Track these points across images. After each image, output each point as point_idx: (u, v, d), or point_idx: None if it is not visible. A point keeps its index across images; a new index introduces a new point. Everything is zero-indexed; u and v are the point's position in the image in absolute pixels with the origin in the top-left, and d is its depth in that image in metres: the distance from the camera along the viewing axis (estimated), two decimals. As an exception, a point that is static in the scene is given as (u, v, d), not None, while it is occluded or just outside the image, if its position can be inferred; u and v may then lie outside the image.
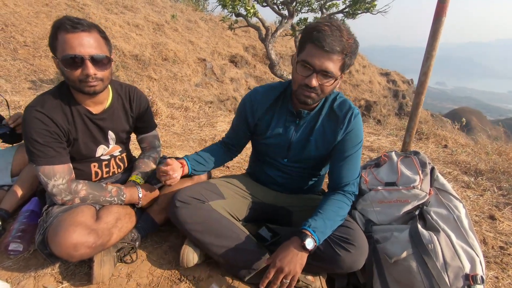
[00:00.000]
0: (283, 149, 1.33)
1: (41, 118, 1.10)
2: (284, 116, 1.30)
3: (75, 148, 1.24)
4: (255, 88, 1.38)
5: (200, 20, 12.24)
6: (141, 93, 1.43)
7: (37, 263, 1.22)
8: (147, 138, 1.51)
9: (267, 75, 12.29)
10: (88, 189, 1.20)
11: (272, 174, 1.42)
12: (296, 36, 6.18)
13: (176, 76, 8.61)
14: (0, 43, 6.55)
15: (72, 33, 1.04)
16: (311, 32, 1.05)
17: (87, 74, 1.07)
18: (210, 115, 3.43)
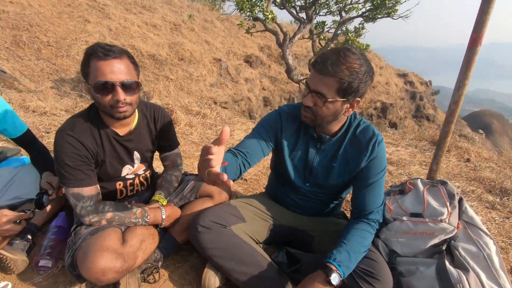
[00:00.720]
0: (305, 173, 1.33)
1: (72, 142, 1.14)
2: (307, 140, 1.30)
3: (103, 169, 1.27)
4: (282, 108, 1.35)
5: (217, 20, 12.28)
6: (165, 112, 1.45)
7: (65, 280, 1.26)
8: (170, 156, 1.53)
9: (282, 75, 12.24)
10: (114, 211, 1.23)
11: (292, 197, 1.41)
12: (314, 40, 6.11)
13: (192, 76, 8.67)
14: (25, 43, 6.77)
15: (104, 60, 1.07)
16: (316, 58, 1.10)
17: (117, 100, 1.10)
18: (227, 122, 3.45)
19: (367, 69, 1.06)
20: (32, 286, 1.23)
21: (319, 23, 6.03)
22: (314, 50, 6.01)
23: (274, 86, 11.99)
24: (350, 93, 1.07)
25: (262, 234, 1.41)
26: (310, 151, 1.29)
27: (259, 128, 1.32)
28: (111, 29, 8.30)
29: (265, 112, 11.33)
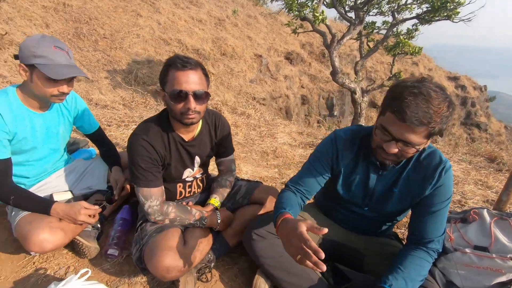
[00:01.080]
0: (364, 198, 1.30)
1: (145, 146, 1.24)
2: (367, 165, 1.25)
3: (168, 171, 1.37)
4: (337, 133, 1.30)
5: (260, 15, 12.28)
6: (225, 120, 1.53)
7: (129, 269, 1.39)
8: (225, 162, 1.59)
9: (322, 74, 11.97)
10: (176, 212, 1.32)
11: (346, 216, 1.40)
12: (362, 41, 5.89)
13: (233, 71, 8.80)
14: (85, 35, 7.30)
15: (182, 71, 1.17)
16: (393, 99, 0.99)
17: (188, 108, 1.18)
18: (270, 123, 3.48)
19: (451, 105, 1.00)
20: (101, 271, 1.37)
21: (368, 24, 5.79)
22: (361, 52, 5.79)
23: (313, 85, 11.78)
24: (438, 133, 1.02)
25: (311, 247, 1.43)
26: (371, 177, 1.25)
27: (314, 160, 1.31)
28: (160, 23, 8.68)
29: (302, 110, 11.21)
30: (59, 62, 1.26)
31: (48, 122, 1.44)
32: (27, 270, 1.33)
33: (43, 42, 1.24)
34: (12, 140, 1.31)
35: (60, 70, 1.26)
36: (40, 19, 6.80)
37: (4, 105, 1.27)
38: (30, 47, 1.22)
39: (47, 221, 1.27)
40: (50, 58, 1.24)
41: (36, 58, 1.22)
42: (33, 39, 1.25)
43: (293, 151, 2.85)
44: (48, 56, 1.24)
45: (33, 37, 1.26)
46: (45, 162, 1.50)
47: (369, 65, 13.90)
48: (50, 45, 1.25)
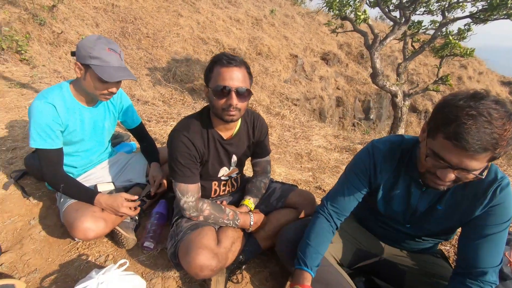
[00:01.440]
0: (405, 215, 1.19)
1: (186, 143, 1.26)
2: (409, 180, 1.14)
3: (205, 168, 1.38)
4: (375, 145, 1.18)
5: (297, 15, 12.14)
6: (263, 121, 1.51)
7: (163, 263, 1.42)
8: (261, 163, 1.58)
9: (359, 76, 11.55)
10: (211, 209, 1.33)
11: (386, 230, 1.31)
12: (406, 42, 5.57)
13: (268, 71, 8.79)
14: (130, 34, 7.70)
15: (226, 67, 1.18)
16: (446, 122, 0.84)
17: (230, 104, 1.18)
18: (305, 125, 3.41)
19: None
20: (137, 263, 1.42)
21: (414, 23, 5.45)
22: (404, 53, 5.48)
23: (350, 86, 11.41)
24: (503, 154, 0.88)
25: (346, 257, 1.36)
26: (414, 192, 1.14)
27: (350, 174, 1.22)
28: (199, 23, 8.91)
29: (336, 112, 10.90)
30: (112, 64, 1.33)
31: (95, 116, 1.52)
32: (71, 255, 1.42)
33: (98, 43, 1.31)
34: (63, 132, 1.40)
35: (112, 73, 1.32)
36: (91, 19, 7.30)
37: (59, 99, 1.36)
38: (86, 47, 1.30)
39: (91, 210, 1.34)
40: (104, 60, 1.31)
41: (92, 59, 1.29)
42: (90, 40, 1.32)
43: (328, 155, 2.76)
44: (102, 57, 1.30)
45: (90, 38, 1.33)
46: (91, 154, 1.59)
47: (411, 67, 13.16)
48: (105, 47, 1.32)
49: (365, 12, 3.96)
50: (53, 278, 1.30)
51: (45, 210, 1.64)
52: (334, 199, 1.24)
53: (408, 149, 1.13)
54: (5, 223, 1.54)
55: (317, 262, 1.17)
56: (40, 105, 1.31)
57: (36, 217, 1.60)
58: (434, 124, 0.90)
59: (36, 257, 1.38)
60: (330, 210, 1.23)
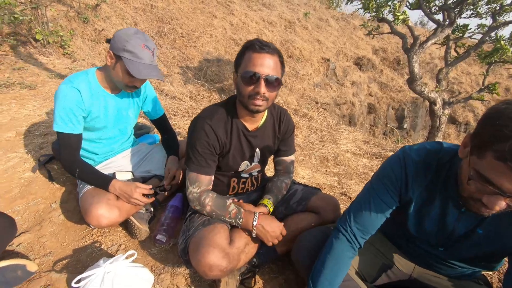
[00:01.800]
0: (438, 237, 1.03)
1: (207, 131, 1.20)
2: (446, 198, 0.96)
3: (225, 159, 1.30)
4: (407, 153, 0.99)
5: (332, 18, 11.90)
6: (290, 117, 1.43)
7: (173, 258, 1.37)
8: (284, 162, 1.48)
9: (394, 82, 11.03)
10: (212, 206, 1.24)
11: (416, 251, 1.15)
12: (449, 46, 5.19)
13: (298, 74, 8.66)
14: (166, 33, 7.96)
15: (258, 53, 1.11)
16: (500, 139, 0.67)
17: (257, 92, 1.11)
18: (333, 128, 3.26)
19: None
20: (148, 255, 1.38)
21: (458, 27, 5.06)
22: (446, 58, 5.10)
23: (383, 93, 10.93)
24: None
25: (371, 273, 1.22)
26: (450, 212, 0.97)
27: (378, 186, 1.04)
28: (232, 24, 9.01)
29: (367, 120, 10.47)
30: (143, 61, 1.32)
31: (119, 104, 1.51)
32: (85, 241, 1.41)
33: (135, 38, 1.30)
34: (86, 117, 1.41)
35: (141, 70, 1.31)
36: (131, 19, 7.63)
37: (84, 84, 1.37)
38: (122, 39, 1.29)
39: (106, 197, 1.32)
40: (136, 55, 1.30)
41: (125, 52, 1.29)
42: (127, 33, 1.32)
43: (357, 160, 2.59)
44: (135, 52, 1.29)
45: (128, 30, 1.33)
46: (113, 142, 1.59)
47: (453, 75, 12.36)
48: (140, 43, 1.31)
49: (404, 12, 3.73)
50: (65, 262, 1.29)
51: (66, 195, 1.67)
52: (358, 215, 1.06)
53: (447, 161, 0.94)
54: (29, 204, 1.58)
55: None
56: (65, 89, 1.32)
57: (57, 201, 1.63)
58: (481, 139, 0.73)
59: (53, 240, 1.39)
60: (353, 228, 1.06)
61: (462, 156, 0.83)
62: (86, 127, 1.45)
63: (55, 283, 1.17)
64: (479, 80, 11.96)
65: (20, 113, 2.47)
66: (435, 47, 13.01)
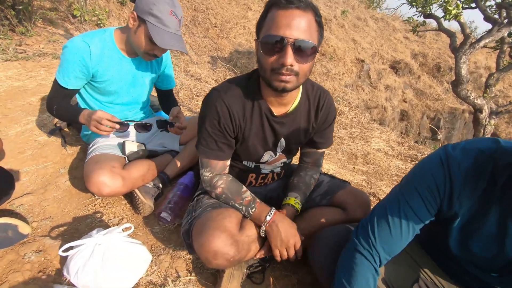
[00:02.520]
0: (494, 261, 0.79)
1: (220, 107, 0.98)
2: (504, 211, 0.73)
3: (243, 146, 1.10)
4: (450, 153, 0.75)
5: (370, 18, 11.40)
6: (332, 101, 1.13)
7: (176, 239, 1.24)
8: (315, 155, 1.24)
9: (432, 90, 10.37)
10: (225, 188, 1.07)
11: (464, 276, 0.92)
12: (503, 51, 4.69)
13: (329, 73, 8.36)
14: (200, 22, 7.97)
15: (284, 10, 0.81)
16: None
17: (282, 64, 0.83)
18: (364, 126, 3.00)
19: None
20: (150, 233, 1.26)
21: (517, 30, 4.55)
22: (499, 64, 4.62)
23: (419, 101, 10.30)
24: None
25: (403, 285, 1.01)
26: (507, 231, 0.73)
27: (410, 193, 0.81)
28: (266, 17, 8.87)
29: (399, 127, 9.92)
30: (169, 30, 1.22)
31: (135, 69, 1.41)
32: (87, 210, 1.32)
33: (163, 2, 1.19)
34: (95, 77, 1.32)
35: (165, 38, 1.21)
36: (166, 5, 7.71)
37: (97, 41, 1.27)
38: (149, 2, 1.19)
39: (111, 165, 1.22)
40: (162, 21, 1.20)
41: (150, 16, 1.19)
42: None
43: (389, 161, 2.34)
44: (162, 18, 1.19)
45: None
46: (127, 109, 1.49)
47: (498, 88, 11.42)
48: (168, 8, 1.20)
49: (458, 6, 3.36)
50: (63, 229, 1.20)
51: (77, 162, 1.60)
52: (382, 228, 0.83)
53: (508, 164, 0.70)
54: (39, 166, 1.53)
55: None
56: (76, 41, 1.24)
57: (67, 167, 1.56)
58: None
59: (54, 205, 1.32)
60: (372, 247, 0.84)
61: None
62: (97, 87, 1.35)
63: (48, 249, 1.08)
64: (530, 94, 10.94)
65: (47, 80, 2.47)
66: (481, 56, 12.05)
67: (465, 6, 4.47)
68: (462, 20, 3.60)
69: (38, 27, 3.52)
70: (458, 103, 10.32)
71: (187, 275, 1.10)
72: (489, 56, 10.80)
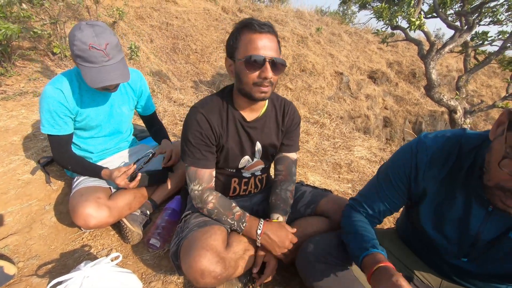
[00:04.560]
0: (461, 244, 0.86)
1: (200, 120, 1.08)
2: (469, 195, 0.81)
3: (223, 154, 1.18)
4: (422, 141, 0.87)
5: (344, 33, 11.93)
6: (295, 109, 1.29)
7: (167, 265, 1.25)
8: (286, 160, 1.32)
9: (410, 96, 10.77)
10: (216, 203, 1.12)
11: (442, 265, 0.98)
12: (468, 54, 4.99)
13: (310, 88, 8.60)
14: (180, 49, 8.15)
15: (259, 34, 0.99)
16: None
17: (265, 77, 0.99)
18: (347, 136, 3.10)
19: None
20: (140, 261, 1.26)
21: (478, 34, 4.88)
22: (466, 67, 4.89)
23: (399, 107, 10.66)
24: None
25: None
26: (475, 212, 0.81)
27: (383, 178, 0.96)
28: (245, 40, 9.13)
29: (383, 133, 10.18)
30: (95, 65, 1.15)
31: (111, 101, 1.43)
32: (75, 245, 1.31)
33: (81, 37, 1.12)
34: (76, 117, 1.33)
35: (94, 76, 1.15)
36: (147, 35, 7.88)
37: (68, 84, 1.28)
38: (71, 43, 1.14)
39: (96, 196, 1.23)
40: (86, 58, 1.14)
41: (77, 58, 1.15)
42: (73, 33, 1.13)
43: (372, 167, 2.41)
44: (83, 56, 1.14)
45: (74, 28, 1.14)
46: (109, 139, 1.52)
47: (472, 88, 11.98)
48: (87, 43, 1.12)
49: (420, 17, 3.61)
50: (50, 267, 1.19)
51: (62, 197, 1.59)
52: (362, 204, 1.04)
53: (472, 149, 0.79)
54: (23, 205, 1.51)
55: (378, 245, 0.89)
56: (48, 90, 1.24)
57: (52, 203, 1.55)
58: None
59: (40, 243, 1.30)
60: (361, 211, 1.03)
61: (493, 136, 0.70)
62: (80, 125, 1.37)
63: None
64: (501, 92, 11.50)
65: (28, 119, 2.47)
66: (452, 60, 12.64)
67: (428, 16, 4.80)
68: (426, 29, 3.85)
69: (17, 66, 3.55)
70: (436, 105, 10.71)
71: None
72: (459, 59, 11.40)
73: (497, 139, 0.68)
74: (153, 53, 7.58)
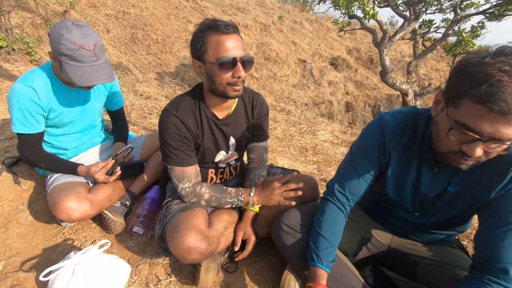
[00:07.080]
0: (414, 202, 1.05)
1: (175, 122, 1.13)
2: (420, 160, 0.99)
3: (200, 152, 1.26)
4: (383, 117, 1.03)
5: (306, 21, 12.18)
6: (263, 100, 1.38)
7: (152, 249, 1.32)
8: (258, 149, 1.44)
9: (369, 81, 11.40)
10: (211, 192, 1.22)
11: (395, 222, 1.17)
12: (417, 41, 5.43)
13: (276, 76, 8.76)
14: (140, 40, 7.82)
15: (226, 35, 1.02)
16: (475, 84, 0.69)
17: (238, 76, 1.05)
18: (311, 121, 3.30)
19: None
20: (125, 248, 1.32)
21: (425, 22, 5.32)
22: (415, 53, 5.34)
23: (359, 91, 11.26)
24: None
25: (352, 246, 1.23)
26: (424, 176, 1.00)
27: (358, 154, 1.08)
28: (208, 29, 8.98)
29: (346, 118, 10.73)
30: (83, 64, 1.18)
31: (83, 97, 1.44)
32: (57, 240, 1.34)
33: (69, 37, 1.13)
34: (49, 115, 1.33)
35: (82, 75, 1.17)
36: (103, 25, 7.44)
37: (40, 81, 1.27)
38: (56, 42, 1.14)
39: (76, 190, 1.26)
40: (74, 58, 1.16)
41: (63, 56, 1.16)
42: (59, 32, 1.14)
43: (335, 149, 2.63)
44: (72, 55, 1.15)
45: (59, 28, 1.15)
46: (82, 135, 1.52)
47: (423, 72, 12.96)
48: (76, 43, 1.14)
49: (373, 8, 3.87)
50: (34, 262, 1.21)
51: (34, 196, 1.58)
52: (341, 184, 1.10)
53: (423, 123, 0.98)
54: (-7, 208, 1.48)
55: (332, 257, 1.04)
56: (19, 88, 1.21)
57: (25, 202, 1.53)
58: (457, 89, 0.74)
59: (20, 241, 1.31)
60: (339, 197, 1.10)
61: (435, 113, 0.86)
62: (53, 122, 1.37)
63: (23, 282, 1.10)
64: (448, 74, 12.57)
65: (-18, 119, 2.33)
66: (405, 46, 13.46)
67: (381, 5, 5.12)
68: (379, 18, 4.14)
69: (-39, 63, 3.26)
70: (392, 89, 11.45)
71: (167, 278, 1.19)
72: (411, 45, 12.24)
73: (439, 115, 0.84)
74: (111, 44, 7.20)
